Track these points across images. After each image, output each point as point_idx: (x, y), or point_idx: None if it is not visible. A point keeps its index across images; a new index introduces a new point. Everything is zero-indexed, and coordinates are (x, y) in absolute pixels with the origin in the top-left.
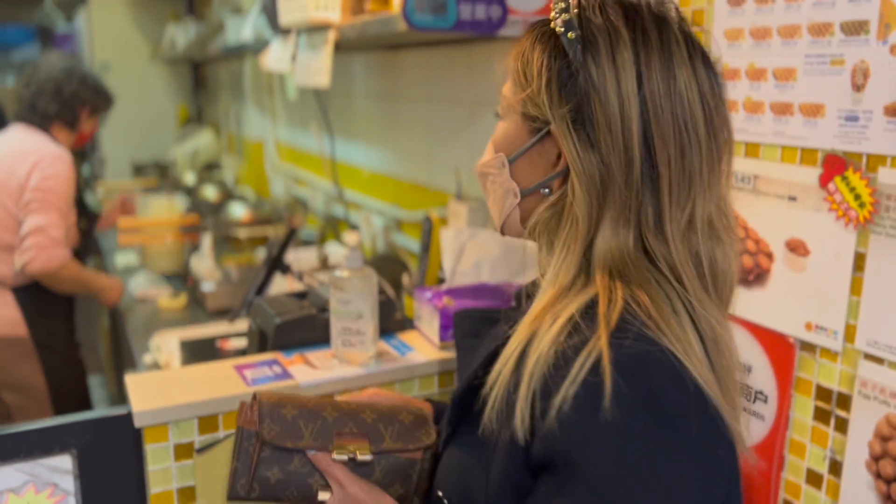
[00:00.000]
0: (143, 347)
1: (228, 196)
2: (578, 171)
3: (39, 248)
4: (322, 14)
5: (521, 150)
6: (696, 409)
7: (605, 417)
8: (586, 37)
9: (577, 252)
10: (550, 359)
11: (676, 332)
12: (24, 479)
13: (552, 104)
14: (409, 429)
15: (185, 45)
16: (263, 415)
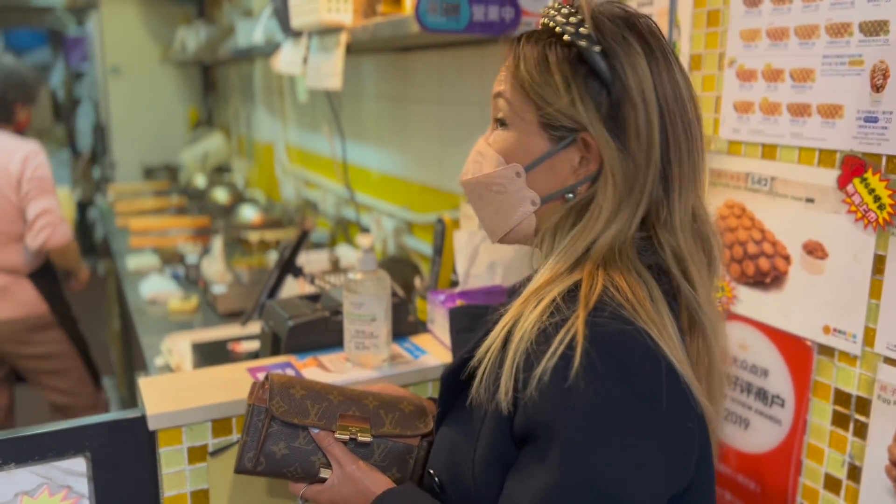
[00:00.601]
0: (154, 350)
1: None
2: (615, 172)
3: (52, 227)
4: (334, 16)
5: (541, 157)
6: (668, 383)
7: (580, 387)
8: (609, 49)
9: (583, 245)
10: (533, 336)
11: (651, 314)
12: (38, 481)
13: (588, 113)
14: (408, 417)
15: (195, 48)
16: (274, 392)
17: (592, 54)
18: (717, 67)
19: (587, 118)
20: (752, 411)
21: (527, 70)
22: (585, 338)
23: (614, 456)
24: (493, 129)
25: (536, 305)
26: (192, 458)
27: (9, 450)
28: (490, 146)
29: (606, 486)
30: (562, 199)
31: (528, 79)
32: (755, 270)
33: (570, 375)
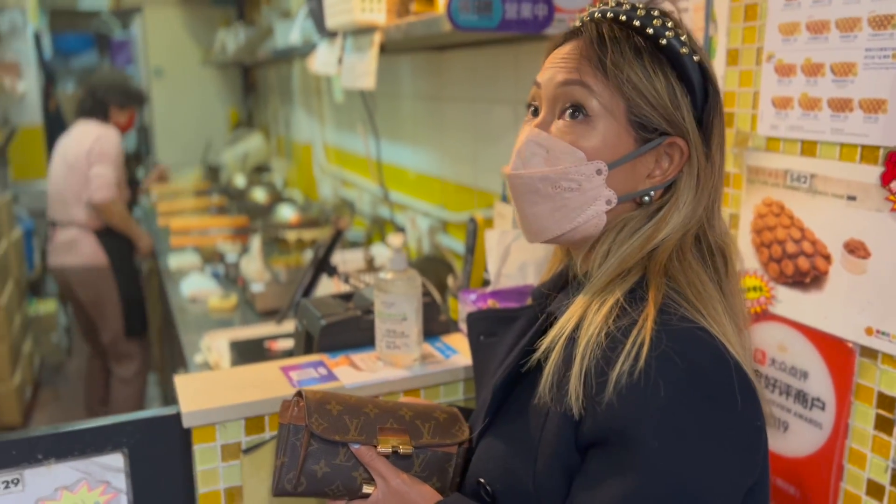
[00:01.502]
0: (193, 347)
1: (277, 198)
2: (698, 181)
3: (98, 187)
4: (367, 16)
5: (626, 156)
6: (739, 382)
7: (656, 392)
8: (702, 59)
9: (649, 247)
10: (602, 340)
11: (712, 313)
12: (77, 476)
13: (688, 119)
14: (444, 425)
15: (234, 50)
16: (311, 410)
17: (690, 62)
18: (755, 62)
19: (687, 124)
20: (792, 414)
21: (624, 64)
22: (658, 341)
23: (693, 460)
24: (547, 118)
25: (600, 307)
26: (226, 455)
27: (49, 445)
28: (559, 138)
29: (686, 491)
30: (634, 202)
31: (626, 74)
32: (794, 270)
33: (646, 379)
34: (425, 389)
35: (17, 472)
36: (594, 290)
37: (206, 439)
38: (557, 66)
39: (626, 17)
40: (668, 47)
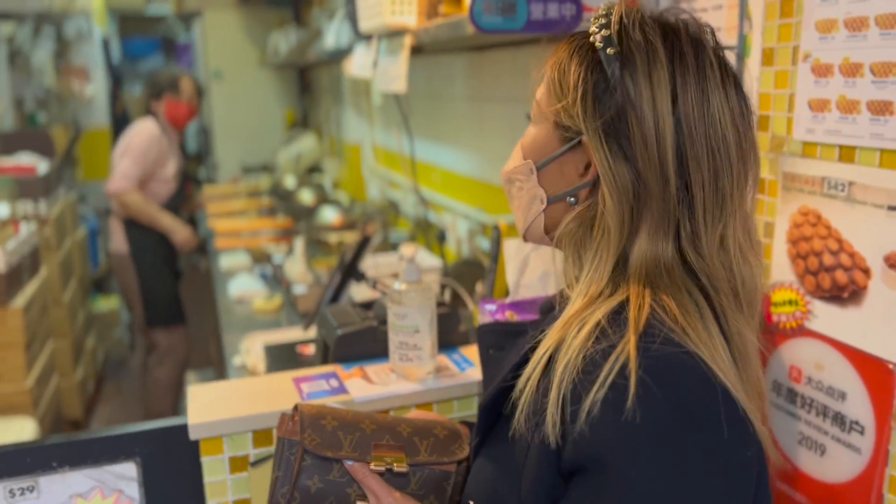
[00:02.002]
0: (235, 349)
1: (323, 200)
2: (609, 182)
3: (113, 177)
4: (398, 19)
5: (551, 157)
6: (725, 410)
7: (635, 419)
8: (625, 53)
9: (608, 263)
10: (579, 364)
11: (703, 337)
12: (91, 484)
13: (586, 116)
14: (443, 442)
15: (286, 52)
16: (305, 425)
17: (606, 57)
18: (791, 62)
19: (583, 121)
20: (829, 437)
21: (552, 68)
22: (638, 365)
23: (673, 489)
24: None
25: (580, 330)
26: (234, 467)
27: (63, 453)
28: (520, 142)
29: None
30: (566, 203)
31: (551, 76)
32: (831, 284)
33: (623, 406)
34: (438, 404)
35: (33, 479)
36: (573, 312)
37: (214, 451)
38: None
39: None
40: (592, 44)
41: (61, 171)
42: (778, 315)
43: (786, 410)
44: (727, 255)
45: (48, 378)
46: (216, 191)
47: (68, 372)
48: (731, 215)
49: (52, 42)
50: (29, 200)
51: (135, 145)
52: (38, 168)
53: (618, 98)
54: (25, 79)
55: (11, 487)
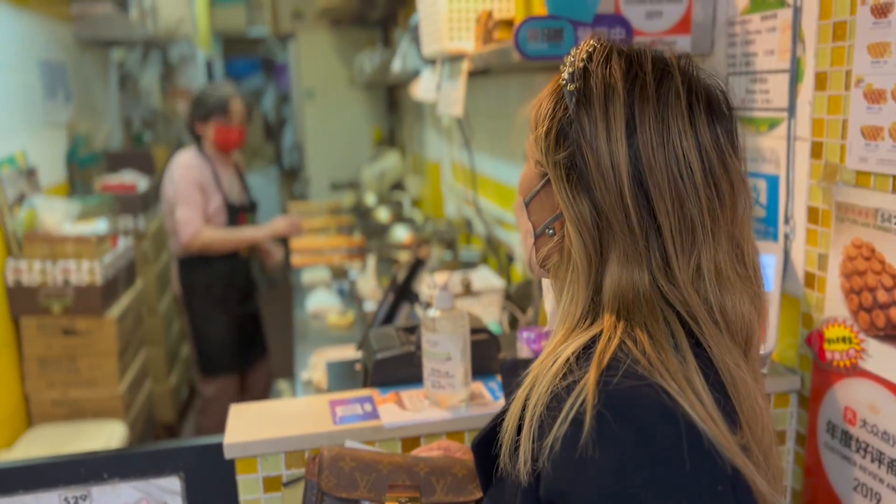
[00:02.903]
0: (305, 363)
1: (399, 218)
2: (570, 216)
3: (181, 233)
4: (456, 44)
5: (533, 193)
6: (689, 443)
7: (593, 454)
8: (584, 89)
9: (581, 293)
10: (545, 400)
11: (673, 367)
12: (139, 496)
13: (548, 151)
14: (461, 482)
15: (370, 72)
16: (323, 467)
17: (566, 93)
18: (844, 87)
19: (545, 156)
20: (885, 486)
21: (533, 105)
22: (596, 400)
23: None
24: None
25: (551, 366)
26: (268, 487)
27: (113, 466)
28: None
29: None
30: (546, 236)
31: (532, 114)
32: (886, 322)
33: (577, 445)
34: (469, 432)
35: (86, 488)
36: (549, 349)
37: (249, 470)
38: None
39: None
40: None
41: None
42: (831, 352)
43: (840, 454)
44: (702, 283)
45: (140, 384)
46: (301, 207)
47: (162, 378)
48: (705, 244)
49: (158, 66)
50: (129, 216)
51: (178, 188)
52: (138, 185)
53: (575, 133)
54: (134, 100)
55: (66, 496)
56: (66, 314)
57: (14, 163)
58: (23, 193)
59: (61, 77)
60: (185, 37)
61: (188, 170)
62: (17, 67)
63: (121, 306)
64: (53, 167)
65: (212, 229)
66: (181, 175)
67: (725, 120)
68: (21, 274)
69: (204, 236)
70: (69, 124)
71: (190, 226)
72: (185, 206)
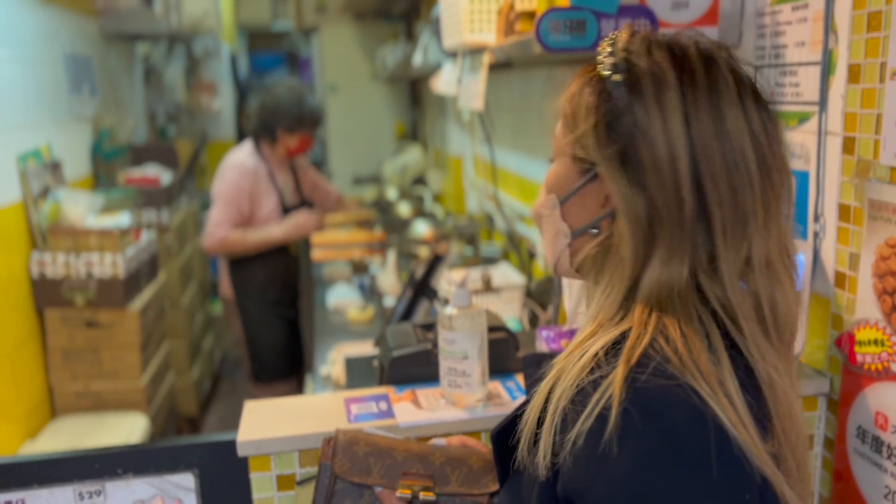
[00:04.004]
0: (324, 358)
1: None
2: (625, 212)
3: (206, 232)
4: (477, 37)
5: (571, 191)
6: (717, 448)
7: (618, 453)
8: (632, 79)
9: (620, 291)
10: (571, 394)
11: (706, 368)
12: (153, 491)
13: (599, 146)
14: (476, 474)
15: (393, 66)
16: (337, 451)
17: (613, 84)
18: (878, 80)
19: (597, 151)
20: None
21: (566, 101)
22: (623, 397)
23: None
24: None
25: (578, 360)
26: (281, 485)
27: (127, 461)
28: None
29: None
30: (589, 236)
31: (564, 109)
32: None
33: (600, 442)
34: (486, 433)
35: (101, 483)
36: (577, 342)
37: (262, 468)
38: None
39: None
40: (600, 73)
41: (184, 181)
42: (863, 355)
43: (871, 460)
44: (754, 277)
45: (163, 377)
46: None
47: (185, 371)
48: (756, 234)
49: (183, 60)
50: (152, 209)
51: (221, 188)
52: (161, 179)
53: (627, 125)
54: (158, 94)
55: (81, 491)
56: (90, 307)
57: (39, 156)
58: (47, 186)
59: (87, 71)
60: (210, 31)
61: (241, 174)
62: (43, 61)
63: (143, 299)
64: (78, 160)
65: (238, 233)
66: (230, 178)
67: (770, 108)
68: (45, 266)
69: (230, 239)
70: (94, 118)
71: (219, 231)
72: (220, 208)
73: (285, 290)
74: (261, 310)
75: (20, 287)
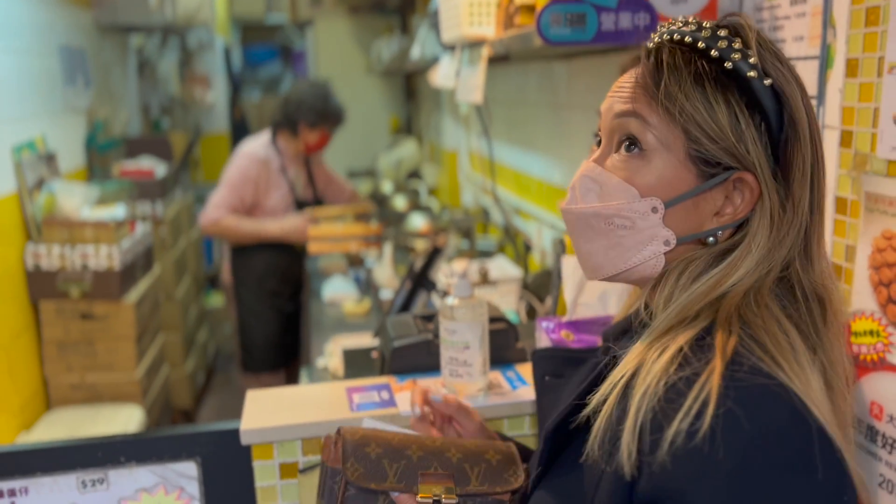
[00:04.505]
0: (321, 350)
1: (415, 206)
2: (773, 220)
3: (204, 211)
4: (476, 30)
5: (686, 194)
6: (821, 449)
7: (722, 454)
8: (776, 82)
9: (717, 292)
10: (660, 391)
11: (796, 368)
12: (155, 480)
13: (757, 153)
14: (496, 469)
15: (388, 59)
16: (347, 454)
17: (760, 86)
18: (877, 74)
19: (756, 158)
20: None
21: (681, 94)
22: (723, 397)
23: None
24: (605, 151)
25: (661, 354)
26: (284, 473)
27: (130, 449)
28: (613, 174)
29: None
30: (698, 242)
31: (682, 105)
32: None
33: (704, 441)
34: (488, 422)
35: (103, 471)
36: (654, 336)
37: (265, 456)
38: (616, 96)
39: (690, 40)
40: (735, 71)
41: (178, 174)
42: (858, 346)
43: (866, 449)
44: (823, 263)
45: (158, 369)
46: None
47: (179, 364)
48: (820, 223)
49: (177, 52)
50: (147, 202)
51: (229, 173)
52: (156, 171)
53: (785, 131)
54: (152, 87)
55: (84, 479)
56: (85, 298)
57: (34, 147)
58: (42, 178)
59: (81, 63)
60: (204, 23)
61: (251, 161)
62: (38, 52)
63: (138, 291)
64: (72, 152)
65: (234, 219)
66: (240, 164)
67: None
68: (40, 258)
69: (224, 223)
70: (88, 110)
71: (216, 212)
72: (223, 191)
73: (284, 282)
74: (256, 300)
75: (15, 279)
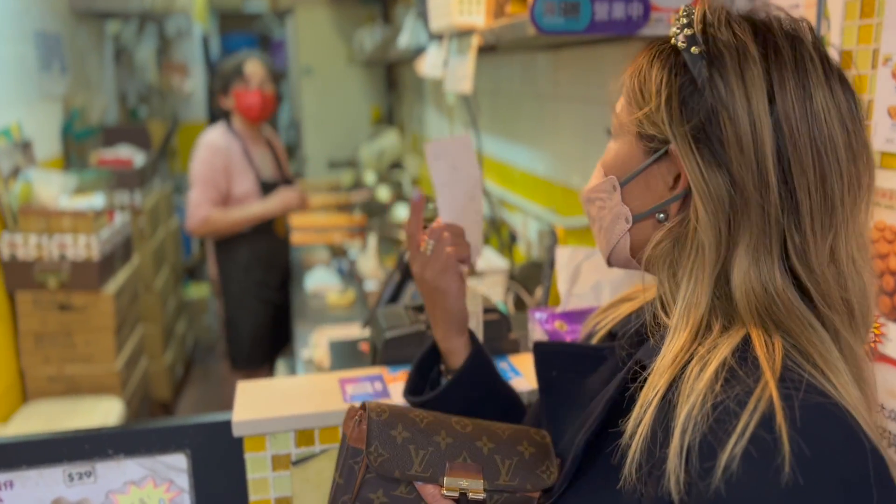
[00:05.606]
0: (305, 342)
1: (399, 197)
2: (703, 192)
3: (187, 216)
4: (466, 19)
5: (635, 171)
6: (877, 473)
7: (784, 479)
8: (712, 52)
9: (706, 284)
10: (708, 411)
11: (843, 382)
12: (144, 472)
13: (673, 122)
14: (528, 464)
15: (371, 49)
16: (372, 436)
17: (690, 57)
18: (871, 66)
19: (670, 127)
20: None
21: (631, 77)
22: (782, 417)
23: None
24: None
25: (702, 369)
26: (276, 465)
27: (118, 442)
28: (601, 159)
29: None
30: (654, 220)
31: (630, 85)
32: None
33: (768, 464)
34: None
35: (90, 464)
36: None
37: (257, 448)
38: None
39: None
40: (674, 46)
41: (157, 163)
42: None
43: None
44: (838, 269)
45: (136, 361)
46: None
47: (158, 356)
48: (842, 224)
49: (154, 39)
50: (125, 191)
51: (196, 170)
52: (134, 160)
53: (707, 99)
54: (129, 75)
55: (70, 472)
56: (62, 289)
57: (9, 135)
58: (18, 166)
59: (56, 49)
60: (182, 11)
61: (213, 152)
62: (12, 38)
63: (117, 282)
64: (49, 140)
65: (220, 211)
66: (202, 157)
67: (853, 90)
68: (16, 248)
69: (213, 219)
70: (65, 98)
71: (199, 211)
72: (198, 189)
73: (270, 271)
74: (243, 291)
75: None
